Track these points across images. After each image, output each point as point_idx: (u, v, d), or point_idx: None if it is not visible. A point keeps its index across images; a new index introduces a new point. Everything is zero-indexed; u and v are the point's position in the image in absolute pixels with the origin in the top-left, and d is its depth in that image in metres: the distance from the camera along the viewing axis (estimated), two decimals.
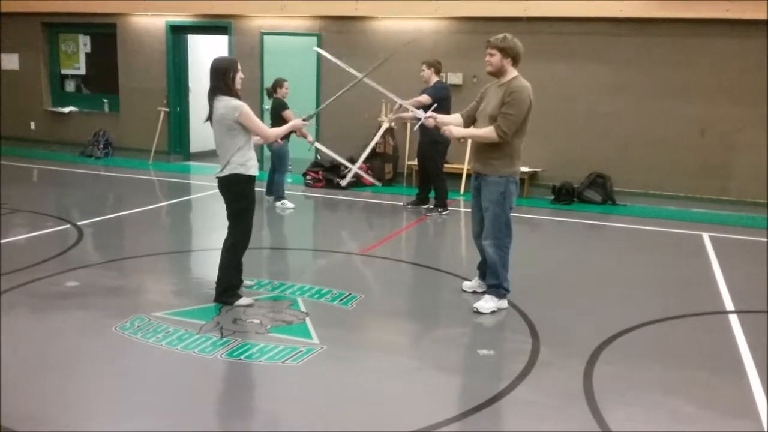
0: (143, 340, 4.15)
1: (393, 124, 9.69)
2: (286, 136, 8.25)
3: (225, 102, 4.57)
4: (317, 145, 5.79)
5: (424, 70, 8.10)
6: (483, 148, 4.82)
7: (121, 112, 12.17)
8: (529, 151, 7.88)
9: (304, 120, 5.27)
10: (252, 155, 4.72)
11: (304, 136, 5.83)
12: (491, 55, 4.74)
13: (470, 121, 5.03)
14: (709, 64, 8.77)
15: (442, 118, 5.15)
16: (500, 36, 4.74)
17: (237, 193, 4.70)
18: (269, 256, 6.46)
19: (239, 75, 4.66)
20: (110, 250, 6.39)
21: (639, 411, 3.49)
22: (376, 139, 9.44)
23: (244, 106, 4.57)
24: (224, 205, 4.80)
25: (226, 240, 4.79)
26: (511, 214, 4.88)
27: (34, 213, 7.54)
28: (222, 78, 4.59)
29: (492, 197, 4.79)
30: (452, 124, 5.02)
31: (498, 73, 4.78)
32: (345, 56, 5.86)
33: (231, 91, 4.59)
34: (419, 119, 5.19)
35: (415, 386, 3.74)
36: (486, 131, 4.71)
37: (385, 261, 6.31)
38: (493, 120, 4.69)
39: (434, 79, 8.07)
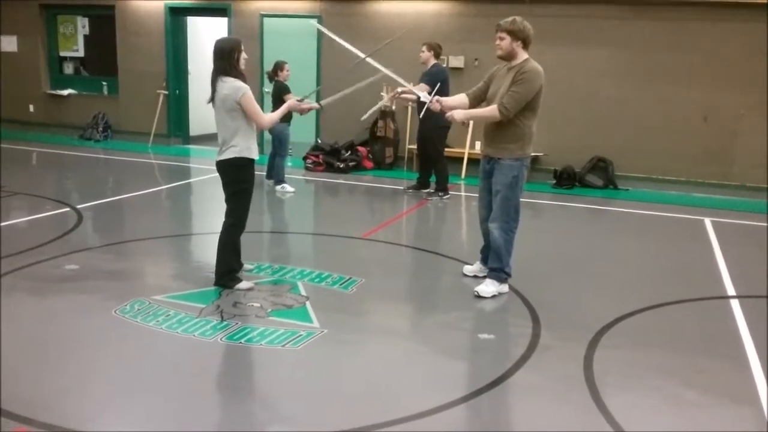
0: (143, 323, 4.14)
1: (393, 106, 9.63)
2: (287, 119, 8.20)
3: (230, 83, 4.53)
4: (324, 102, 5.55)
5: (423, 52, 8.01)
6: (496, 132, 4.74)
7: (120, 95, 12.11)
8: None
9: (298, 100, 5.24)
10: (253, 138, 4.70)
11: (308, 110, 5.62)
12: (501, 38, 4.67)
13: (477, 102, 4.96)
14: (711, 49, 8.71)
15: (446, 101, 5.03)
16: (509, 19, 4.68)
17: (236, 175, 4.67)
18: (269, 240, 6.45)
19: (243, 56, 4.62)
20: (110, 234, 6.38)
21: (639, 395, 3.49)
22: (381, 103, 9.20)
23: (248, 89, 4.54)
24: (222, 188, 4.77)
25: (224, 223, 4.77)
26: None
27: (33, 196, 7.51)
28: (227, 59, 4.54)
29: (505, 181, 4.74)
30: (458, 106, 4.93)
31: (508, 56, 4.72)
32: (346, 39, 5.79)
33: (236, 72, 4.55)
34: (424, 104, 5.09)
35: (416, 370, 3.73)
36: (489, 110, 4.70)
37: (385, 245, 6.30)
38: None
39: (432, 62, 7.97)
